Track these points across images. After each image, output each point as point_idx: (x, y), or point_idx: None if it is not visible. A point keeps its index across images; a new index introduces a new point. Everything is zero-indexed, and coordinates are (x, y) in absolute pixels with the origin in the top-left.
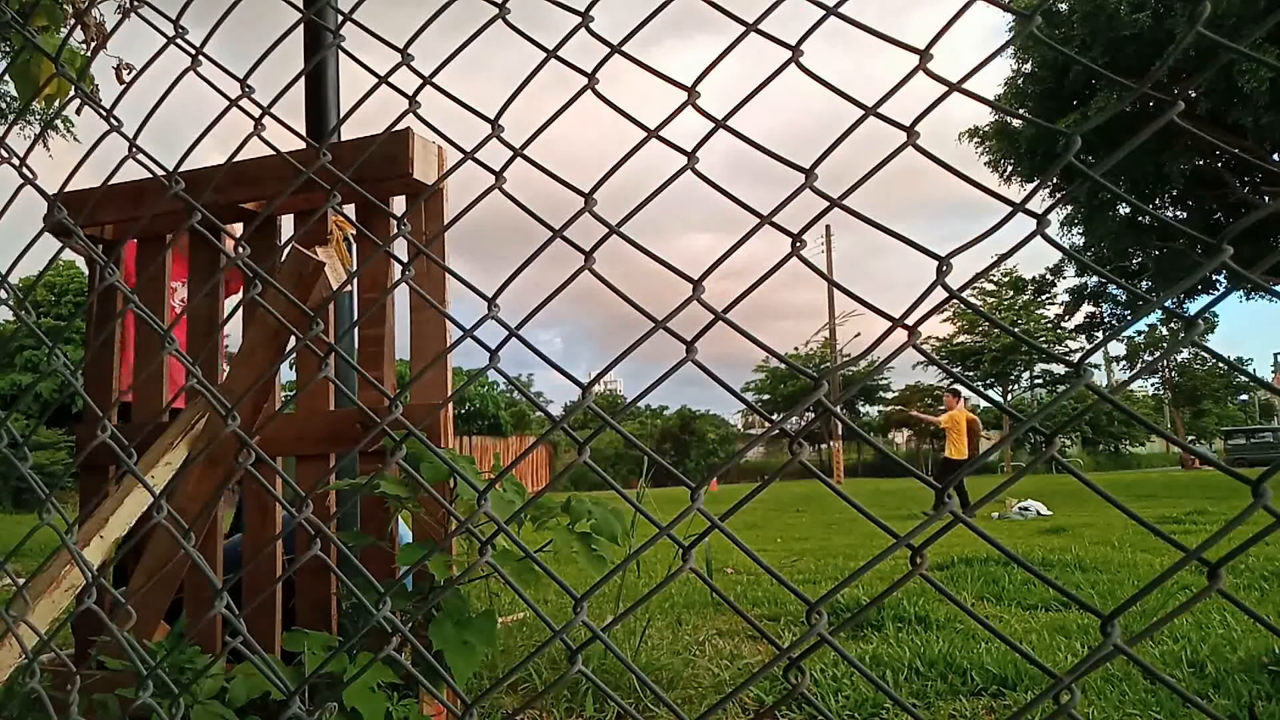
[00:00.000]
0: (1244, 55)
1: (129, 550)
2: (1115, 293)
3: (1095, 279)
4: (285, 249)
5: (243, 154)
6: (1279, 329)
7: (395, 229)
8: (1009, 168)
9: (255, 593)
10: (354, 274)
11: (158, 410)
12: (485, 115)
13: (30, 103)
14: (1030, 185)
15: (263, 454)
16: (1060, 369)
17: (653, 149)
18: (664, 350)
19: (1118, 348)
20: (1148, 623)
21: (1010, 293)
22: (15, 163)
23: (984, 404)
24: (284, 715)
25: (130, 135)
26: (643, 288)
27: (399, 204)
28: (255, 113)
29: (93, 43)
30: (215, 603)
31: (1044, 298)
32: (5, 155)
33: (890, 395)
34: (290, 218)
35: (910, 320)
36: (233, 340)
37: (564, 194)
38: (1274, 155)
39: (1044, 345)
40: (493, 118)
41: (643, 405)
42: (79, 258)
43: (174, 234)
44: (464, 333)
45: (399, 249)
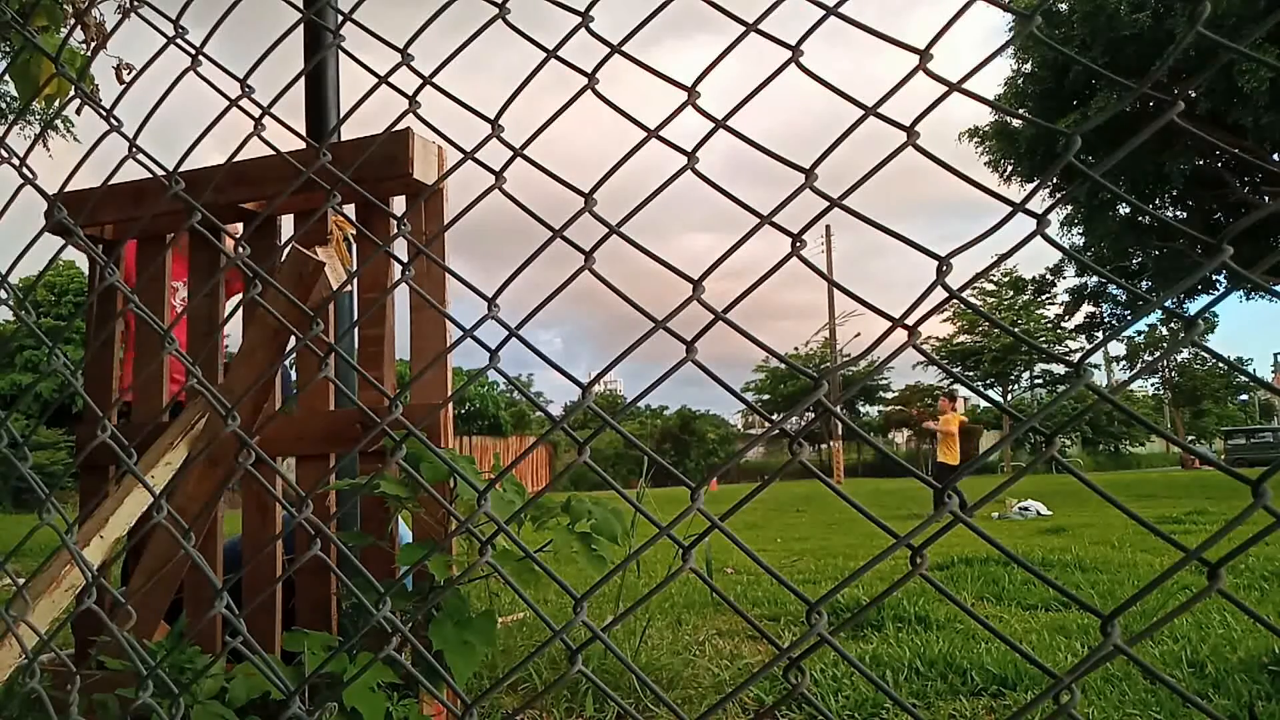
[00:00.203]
0: (1244, 55)
1: (130, 550)
2: (1115, 293)
3: (1095, 279)
4: (285, 249)
5: (243, 154)
6: (1279, 329)
7: (395, 229)
8: (1009, 168)
9: (255, 593)
10: (354, 274)
11: (158, 410)
12: (485, 115)
13: (30, 103)
14: (1030, 185)
15: (263, 454)
16: (1060, 369)
17: (653, 149)
18: (664, 350)
19: (1118, 348)
20: (1148, 623)
21: (1010, 293)
22: (15, 163)
23: (984, 404)
24: (284, 715)
25: (130, 135)
26: (643, 288)
27: (399, 204)
28: (255, 113)
29: (93, 43)
30: (215, 603)
31: (1044, 298)
32: (5, 155)
33: (890, 395)
34: (290, 218)
35: (910, 320)
36: (233, 340)
37: (564, 194)
38: (1274, 155)
39: (1044, 345)
40: (493, 118)
41: (643, 405)
42: (79, 257)
43: (174, 234)
44: (464, 333)
45: (399, 249)
